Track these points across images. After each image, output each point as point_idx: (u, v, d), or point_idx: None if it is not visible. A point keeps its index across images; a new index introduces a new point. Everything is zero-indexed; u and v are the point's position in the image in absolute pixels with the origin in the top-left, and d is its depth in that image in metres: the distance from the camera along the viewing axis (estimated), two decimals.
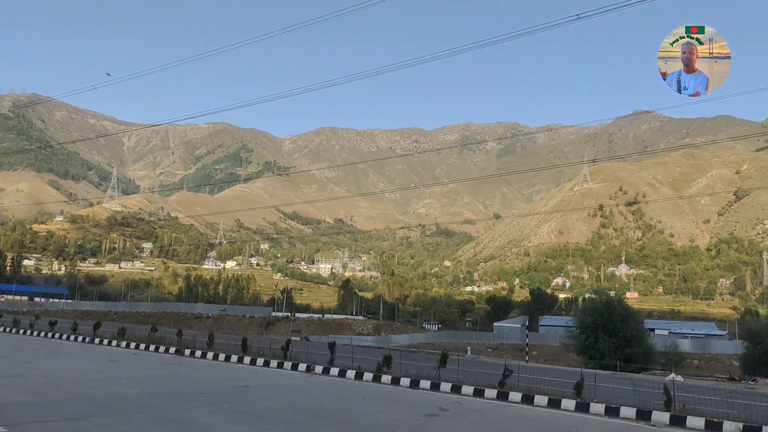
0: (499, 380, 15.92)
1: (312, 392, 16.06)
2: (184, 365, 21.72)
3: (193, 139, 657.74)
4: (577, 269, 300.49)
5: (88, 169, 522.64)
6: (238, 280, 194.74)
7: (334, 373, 20.12)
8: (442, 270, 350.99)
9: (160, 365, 21.55)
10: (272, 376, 19.35)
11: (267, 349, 24.20)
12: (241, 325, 74.72)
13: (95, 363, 21.82)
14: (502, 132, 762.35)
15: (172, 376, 18.29)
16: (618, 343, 32.27)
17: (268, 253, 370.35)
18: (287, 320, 75.28)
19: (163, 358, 24.82)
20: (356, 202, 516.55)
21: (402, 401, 15.02)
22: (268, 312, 76.31)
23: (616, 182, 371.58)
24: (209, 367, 21.42)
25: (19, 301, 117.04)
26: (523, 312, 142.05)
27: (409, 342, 63.05)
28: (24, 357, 22.65)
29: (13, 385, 15.27)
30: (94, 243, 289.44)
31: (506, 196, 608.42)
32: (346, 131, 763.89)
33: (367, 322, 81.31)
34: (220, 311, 77.96)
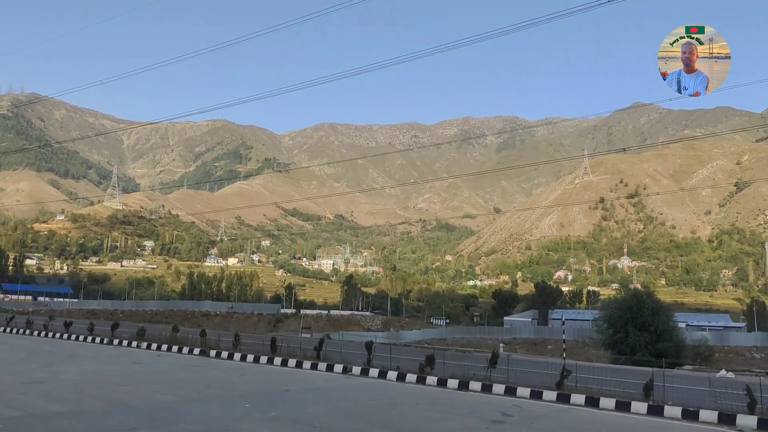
0: (556, 381, 15.12)
1: (359, 396, 15.32)
2: (213, 367, 20.97)
3: (192, 137, 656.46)
4: (579, 262, 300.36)
5: (88, 168, 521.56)
6: (241, 277, 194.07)
7: (374, 375, 19.29)
8: (444, 264, 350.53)
9: (188, 368, 20.79)
10: (310, 378, 18.58)
11: (297, 349, 23.39)
12: (249, 323, 73.98)
13: (119, 366, 21.10)
14: (501, 126, 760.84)
15: (205, 380, 17.53)
16: (649, 338, 31.53)
17: (269, 249, 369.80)
18: (296, 317, 74.57)
19: (187, 359, 24.02)
20: (356, 198, 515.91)
21: (458, 406, 14.26)
22: (276, 309, 75.44)
23: (616, 174, 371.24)
24: (239, 369, 20.63)
25: (22, 301, 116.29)
26: (529, 306, 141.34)
27: (420, 338, 62.27)
28: (44, 360, 21.88)
29: (42, 392, 14.51)
30: (95, 242, 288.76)
31: (506, 190, 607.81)
32: (345, 127, 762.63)
33: (376, 318, 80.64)
34: (228, 309, 77.19)
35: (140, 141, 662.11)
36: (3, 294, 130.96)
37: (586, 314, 68.15)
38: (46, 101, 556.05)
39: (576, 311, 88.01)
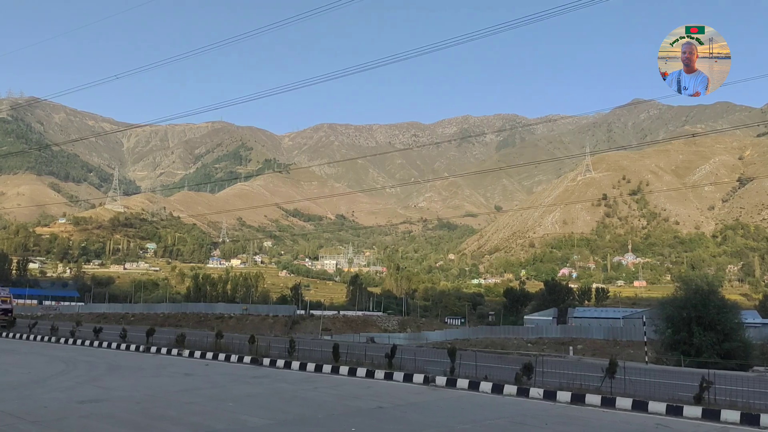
0: (694, 394, 13.44)
1: (471, 415, 13.57)
2: (276, 379, 19.35)
3: (192, 139, 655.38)
4: (582, 259, 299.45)
5: (88, 171, 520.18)
6: (247, 278, 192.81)
7: (463, 386, 17.37)
8: (447, 263, 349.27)
9: (249, 380, 19.17)
10: (391, 390, 16.85)
11: (362, 356, 21.83)
12: (265, 325, 72.39)
13: (171, 378, 19.48)
14: (500, 124, 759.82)
15: (279, 395, 15.88)
16: (716, 338, 30.04)
17: (271, 250, 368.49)
18: (312, 319, 73.07)
19: (241, 369, 22.32)
20: (357, 198, 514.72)
21: (594, 425, 12.52)
22: (292, 310, 73.82)
23: (618, 171, 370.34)
24: (306, 380, 18.99)
25: (29, 305, 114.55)
26: (540, 304, 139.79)
27: (443, 338, 60.67)
28: (86, 373, 20.32)
29: (103, 414, 12.96)
30: (97, 244, 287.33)
31: (507, 188, 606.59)
32: (344, 127, 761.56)
33: (391, 319, 79.27)
34: (243, 311, 75.69)
35: (140, 143, 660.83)
36: None
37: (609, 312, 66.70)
38: (46, 105, 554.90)
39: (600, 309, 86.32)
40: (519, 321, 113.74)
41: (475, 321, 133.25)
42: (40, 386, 16.83)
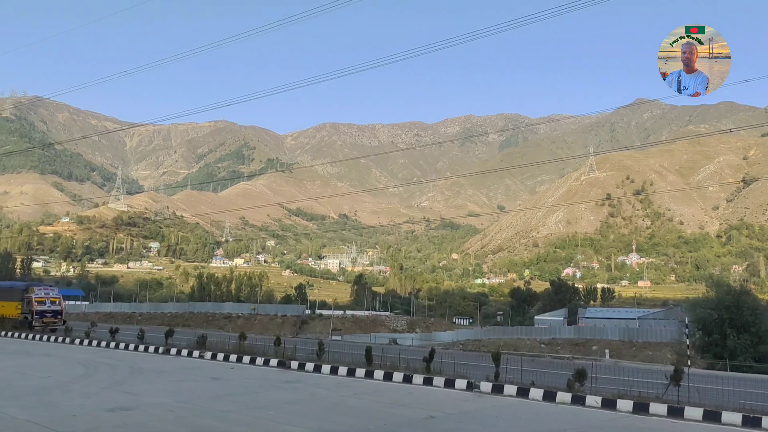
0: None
1: (530, 425, 12.71)
2: (310, 384, 18.49)
3: (194, 138, 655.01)
4: (586, 259, 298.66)
5: (91, 171, 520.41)
6: (251, 277, 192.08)
7: (510, 392, 16.32)
8: (450, 263, 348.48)
9: (282, 384, 18.31)
10: (436, 397, 15.98)
11: (396, 359, 20.93)
12: (273, 325, 71.65)
13: (199, 383, 18.69)
14: (503, 124, 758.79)
15: (318, 402, 15.12)
16: (750, 340, 29.18)
17: (275, 249, 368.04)
18: (320, 319, 72.36)
19: (269, 373, 21.44)
20: (360, 197, 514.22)
21: None
22: (301, 310, 72.99)
23: (622, 171, 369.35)
24: (342, 385, 18.14)
25: None
26: (546, 304, 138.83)
27: (454, 339, 59.78)
28: (109, 377, 19.48)
29: (137, 424, 12.18)
30: (101, 243, 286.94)
31: (510, 188, 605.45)
32: (347, 126, 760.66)
33: (399, 319, 78.47)
34: (251, 310, 74.97)
35: (143, 143, 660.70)
36: None
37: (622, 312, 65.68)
38: (49, 104, 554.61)
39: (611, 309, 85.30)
40: (526, 321, 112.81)
41: (481, 321, 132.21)
42: (63, 392, 16.07)
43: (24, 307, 40.18)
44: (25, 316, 39.92)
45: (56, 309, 41.78)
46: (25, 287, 42.59)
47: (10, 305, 40.99)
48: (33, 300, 40.20)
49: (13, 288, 44.64)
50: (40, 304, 40.28)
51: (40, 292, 41.82)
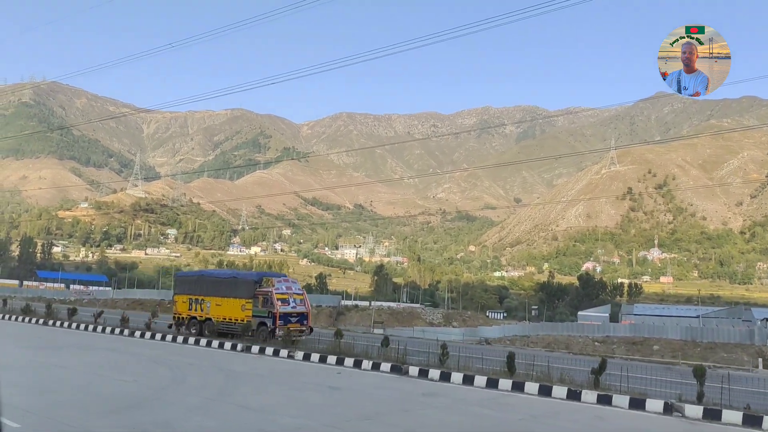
0: None
1: None
2: (454, 398, 15.53)
3: (211, 126, 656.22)
4: (607, 254, 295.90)
5: (109, 157, 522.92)
6: (271, 266, 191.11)
7: (731, 419, 13.13)
8: (468, 255, 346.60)
9: (421, 398, 15.40)
10: (639, 424, 13.23)
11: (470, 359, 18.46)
12: None
13: (320, 393, 15.81)
14: (521, 115, 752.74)
15: (499, 427, 12.54)
16: None
17: (291, 239, 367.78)
18: (357, 310, 70.34)
19: (388, 381, 18.44)
20: (375, 188, 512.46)
21: None
22: (337, 301, 70.71)
23: (644, 165, 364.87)
24: (493, 402, 15.18)
25: (56, 289, 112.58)
26: (574, 299, 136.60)
27: (500, 335, 57.23)
28: (203, 382, 16.70)
29: None
30: (119, 229, 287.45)
31: (527, 180, 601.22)
32: (363, 116, 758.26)
33: (435, 311, 76.14)
34: None
35: (160, 130, 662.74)
36: (38, 282, 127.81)
37: (678, 310, 62.82)
38: (68, 90, 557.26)
39: (660, 307, 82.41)
40: (556, 317, 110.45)
41: (514, 316, 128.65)
42: (166, 404, 13.19)
43: (258, 306, 28.12)
44: (260, 321, 27.93)
45: (302, 311, 29.40)
46: (258, 278, 30.41)
47: (234, 304, 29.25)
48: (274, 297, 27.96)
49: (241, 279, 31.32)
50: (284, 303, 28.15)
51: (281, 285, 29.44)
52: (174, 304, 33.35)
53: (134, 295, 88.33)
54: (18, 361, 19.79)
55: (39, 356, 21.35)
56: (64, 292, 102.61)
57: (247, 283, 30.05)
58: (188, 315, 31.19)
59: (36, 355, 21.82)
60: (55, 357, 21.45)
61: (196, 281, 33.02)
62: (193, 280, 33.65)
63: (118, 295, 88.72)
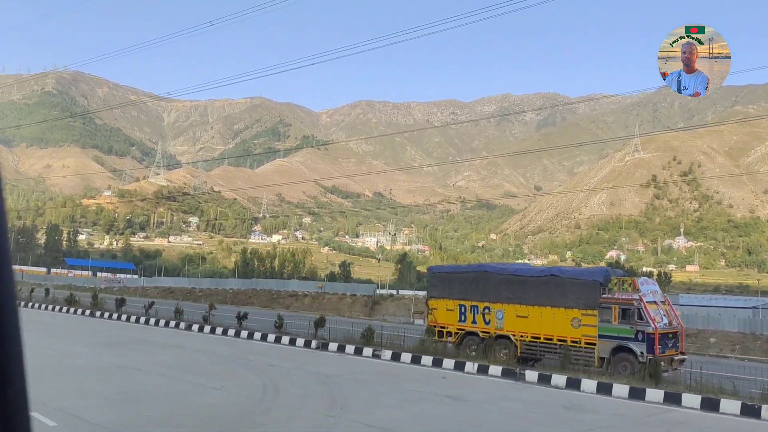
0: None
1: None
2: (605, 413, 13.33)
3: (231, 114, 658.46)
4: (631, 242, 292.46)
5: (130, 145, 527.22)
6: (294, 254, 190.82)
7: None
8: (489, 243, 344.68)
9: (564, 413, 13.33)
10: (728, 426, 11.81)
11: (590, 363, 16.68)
12: (343, 305, 68.71)
13: (443, 406, 13.87)
14: (541, 103, 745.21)
15: None
16: None
17: (311, 227, 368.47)
18: (392, 299, 69.16)
19: (510, 389, 16.17)
20: (395, 176, 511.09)
21: None
22: (372, 289, 69.62)
23: (669, 152, 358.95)
24: (654, 418, 12.96)
25: (84, 277, 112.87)
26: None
27: None
28: (304, 390, 14.43)
29: None
30: (142, 217, 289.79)
31: (547, 168, 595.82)
32: (382, 104, 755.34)
33: None
34: (318, 289, 72.11)
35: (180, 118, 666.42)
36: (67, 269, 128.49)
37: (727, 300, 60.73)
38: (90, 79, 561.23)
39: (707, 296, 79.95)
40: None
41: None
42: (277, 421, 11.34)
43: (612, 321, 19.22)
44: (618, 345, 19.06)
45: (675, 329, 20.16)
46: (604, 277, 21.17)
47: (556, 316, 20.63)
48: (645, 307, 19.07)
49: (572, 278, 21.87)
50: (656, 317, 19.29)
51: (647, 288, 20.53)
52: (430, 312, 24.81)
53: (164, 284, 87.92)
54: (86, 361, 18.34)
55: (104, 355, 19.95)
56: (93, 279, 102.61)
57: (586, 285, 20.71)
58: (458, 328, 22.69)
59: (100, 353, 20.31)
60: (122, 356, 19.87)
61: (474, 280, 23.87)
62: (469, 278, 24.36)
63: (148, 283, 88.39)
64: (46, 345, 20.32)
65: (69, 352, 19.89)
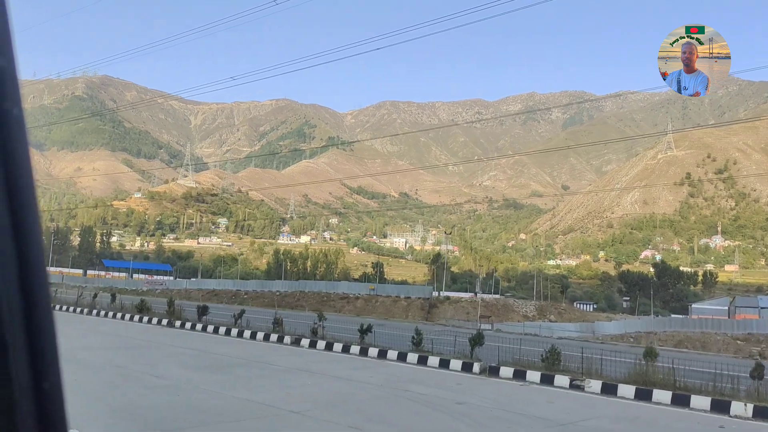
0: None
1: None
2: None
3: (257, 116, 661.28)
4: (666, 241, 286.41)
5: (158, 148, 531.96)
6: (326, 254, 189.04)
7: None
8: (519, 243, 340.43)
9: None
10: None
11: None
12: (398, 308, 66.29)
13: None
14: (567, 101, 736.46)
15: None
16: None
17: (338, 227, 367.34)
18: (449, 302, 66.64)
19: (672, 413, 13.50)
20: (420, 176, 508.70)
21: None
22: (428, 292, 66.98)
23: (703, 149, 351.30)
24: None
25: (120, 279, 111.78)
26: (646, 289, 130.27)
27: (620, 330, 52.17)
28: None
29: None
30: (172, 219, 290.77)
31: (575, 167, 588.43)
32: (407, 104, 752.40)
33: (528, 303, 71.85)
34: (369, 291, 69.82)
35: (207, 121, 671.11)
36: (105, 271, 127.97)
37: None
38: (118, 83, 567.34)
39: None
40: (639, 308, 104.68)
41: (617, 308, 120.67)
42: None
43: None
44: None
45: None
46: None
47: None
48: None
49: None
50: None
51: None
52: None
53: (207, 286, 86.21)
54: (208, 396, 13.45)
55: (224, 385, 15.08)
56: (133, 281, 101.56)
57: None
58: None
59: (217, 382, 15.38)
60: (249, 387, 15.00)
61: None
62: None
63: (191, 285, 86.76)
64: (143, 369, 17.00)
65: (177, 380, 15.47)
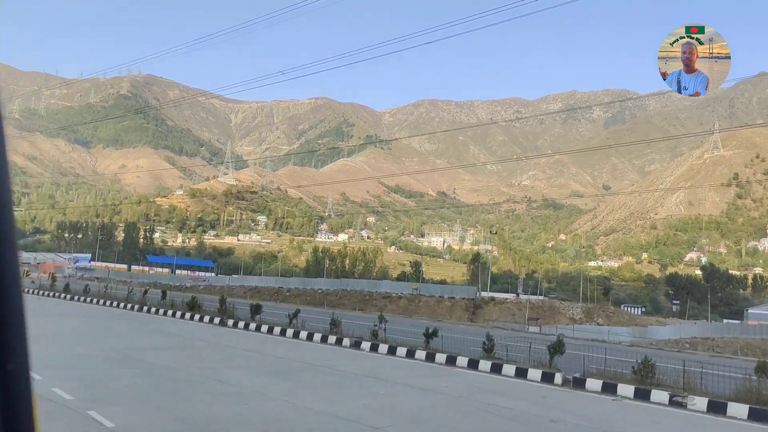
0: None
1: None
2: None
3: (296, 115, 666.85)
4: (712, 243, 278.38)
5: (200, 146, 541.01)
6: (365, 253, 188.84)
7: None
8: (559, 244, 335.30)
9: None
10: None
11: None
12: (442, 308, 65.40)
13: None
14: (609, 99, 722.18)
15: None
16: None
17: (376, 226, 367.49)
18: (494, 303, 65.42)
19: None
20: (458, 175, 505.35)
21: None
22: (473, 292, 65.89)
23: (751, 149, 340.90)
24: None
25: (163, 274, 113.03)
26: (695, 292, 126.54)
27: (676, 336, 50.28)
28: None
29: None
30: (212, 216, 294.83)
31: (616, 167, 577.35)
32: (445, 103, 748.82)
33: (574, 306, 69.99)
34: (413, 290, 69.05)
35: (247, 119, 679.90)
36: (149, 266, 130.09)
37: None
38: (162, 82, 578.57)
39: None
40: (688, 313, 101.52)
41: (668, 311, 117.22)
42: None
43: None
44: None
45: None
46: None
47: None
48: None
49: None
50: None
51: None
52: None
53: (250, 283, 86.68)
54: (283, 408, 12.40)
55: (293, 393, 13.94)
56: (177, 277, 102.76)
57: None
58: None
59: (285, 390, 14.19)
60: (322, 396, 13.87)
61: None
62: None
63: (233, 282, 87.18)
64: (203, 372, 16.15)
65: (241, 387, 14.33)
